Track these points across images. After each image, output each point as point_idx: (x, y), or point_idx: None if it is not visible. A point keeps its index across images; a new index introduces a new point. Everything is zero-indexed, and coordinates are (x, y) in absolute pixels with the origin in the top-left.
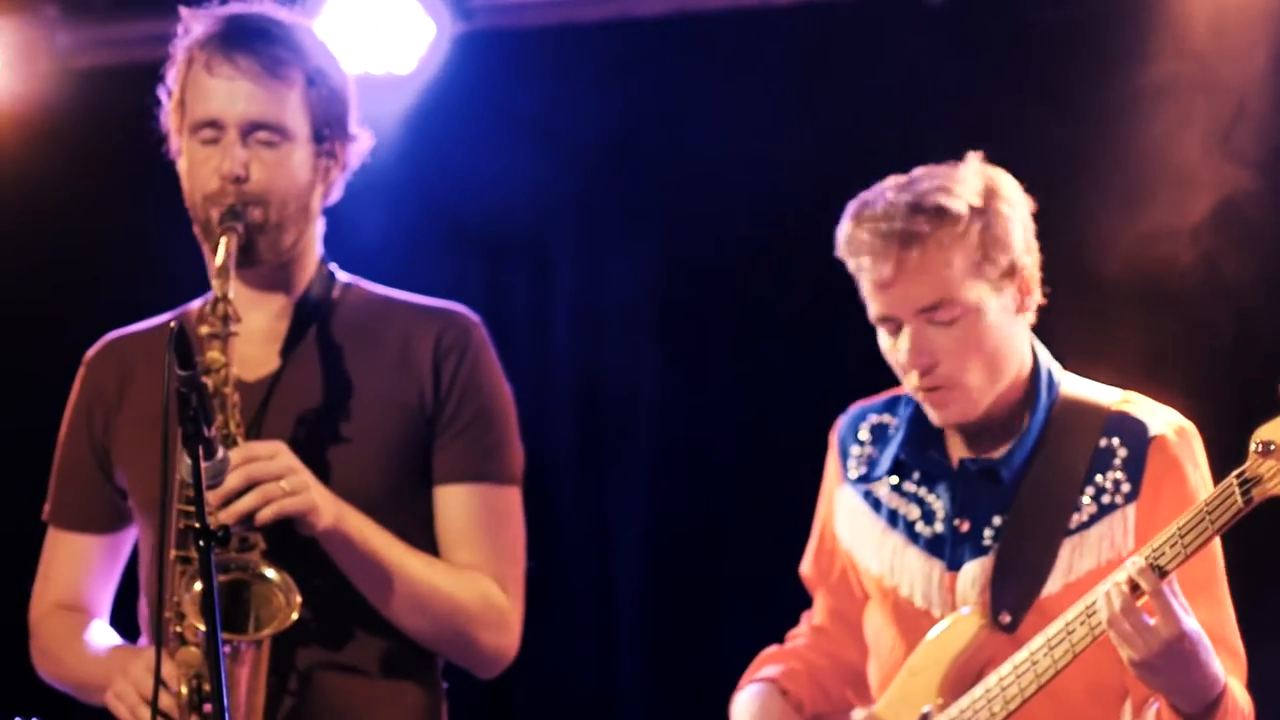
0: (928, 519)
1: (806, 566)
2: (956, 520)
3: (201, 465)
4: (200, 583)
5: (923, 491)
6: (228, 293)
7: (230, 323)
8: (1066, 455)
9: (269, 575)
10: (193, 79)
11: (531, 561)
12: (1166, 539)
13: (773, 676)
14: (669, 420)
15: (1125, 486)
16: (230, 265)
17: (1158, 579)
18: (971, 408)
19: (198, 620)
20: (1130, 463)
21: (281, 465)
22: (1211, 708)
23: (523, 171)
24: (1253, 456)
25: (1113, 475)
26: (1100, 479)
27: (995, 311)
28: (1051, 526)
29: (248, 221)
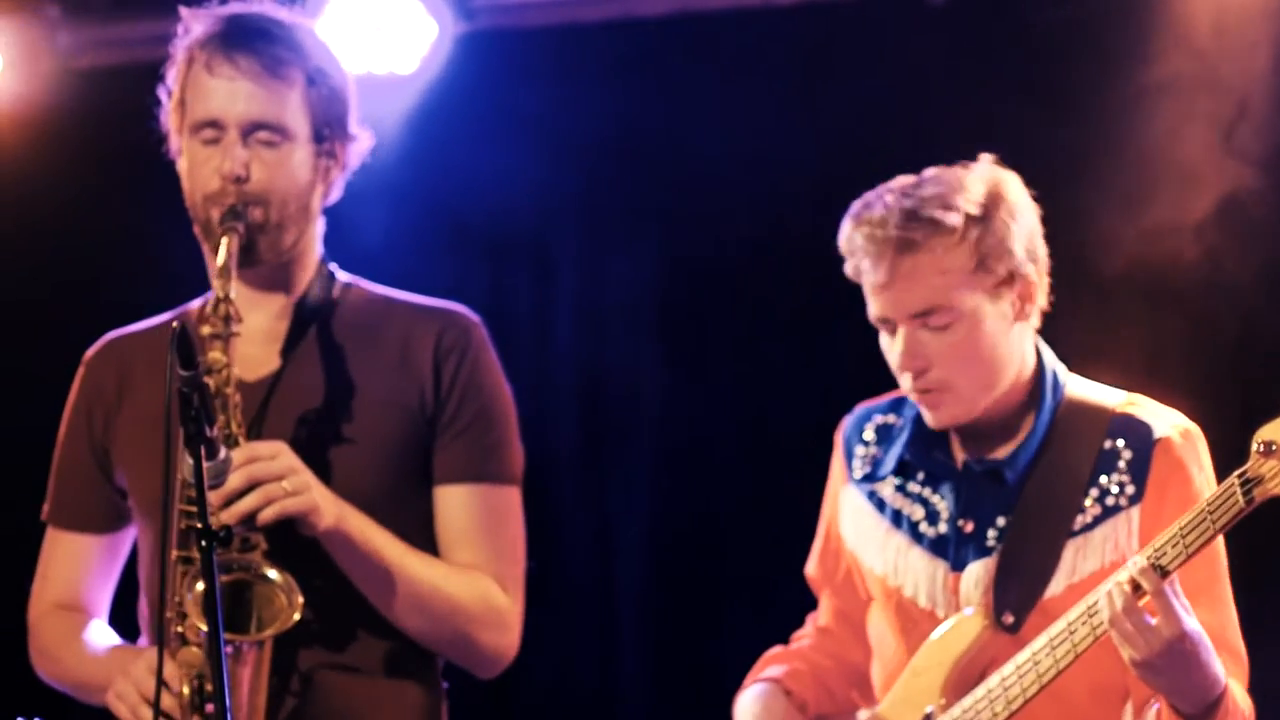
0: (932, 519)
1: (812, 567)
2: (960, 521)
3: (204, 465)
4: (202, 583)
5: (927, 492)
6: (229, 293)
7: (232, 323)
8: (1071, 457)
9: (271, 576)
10: (193, 79)
11: (532, 561)
12: (1168, 539)
13: (776, 677)
14: (670, 420)
15: (1129, 488)
16: (232, 265)
17: (1159, 579)
18: (964, 411)
19: (199, 620)
20: (1135, 465)
21: (283, 465)
22: (1212, 708)
23: (525, 171)
24: (1254, 456)
25: (1117, 477)
26: (1104, 480)
27: (991, 319)
28: (1055, 528)
29: (248, 221)
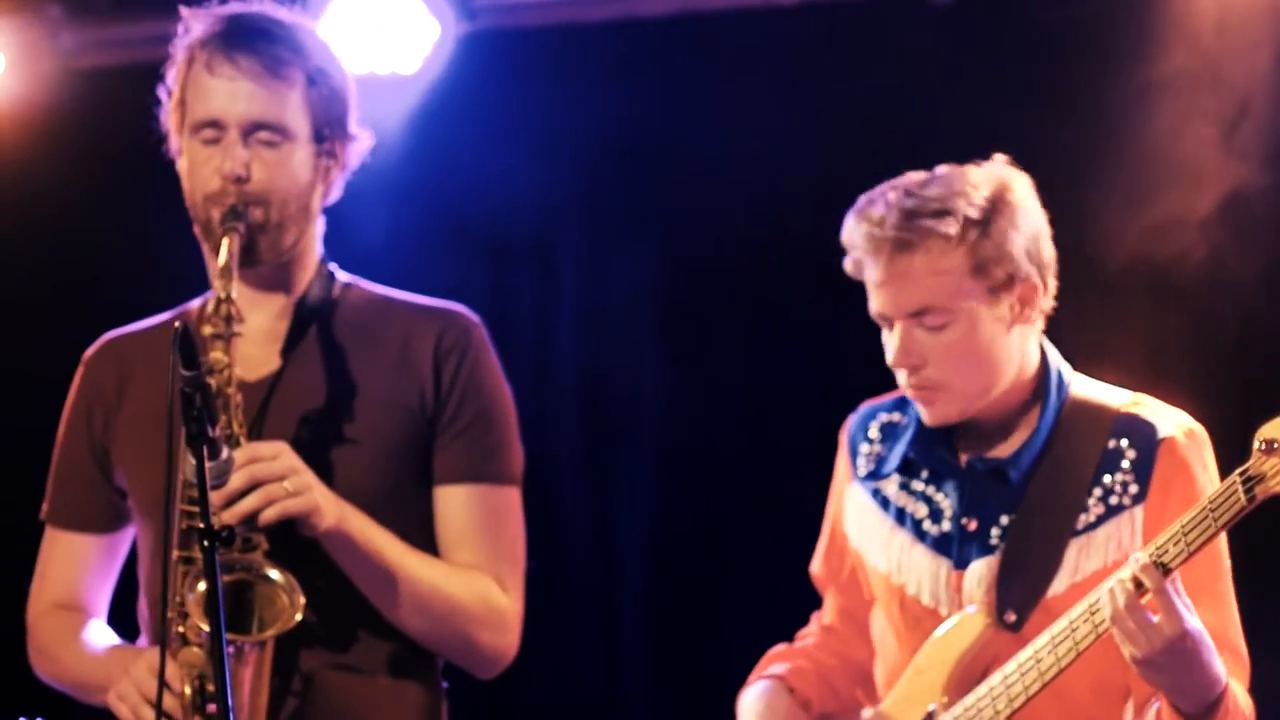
0: (935, 517)
1: (816, 565)
2: (964, 519)
3: (206, 465)
4: (204, 583)
5: (930, 490)
6: (231, 293)
7: (233, 323)
8: (1075, 456)
9: (273, 576)
10: (193, 79)
11: (532, 561)
12: (1170, 536)
13: (780, 674)
14: (672, 420)
15: (1133, 488)
16: (233, 266)
17: (1161, 576)
18: (957, 410)
19: (201, 620)
20: (1139, 464)
21: (284, 466)
22: (1212, 708)
23: (526, 171)
24: (1256, 454)
25: (1121, 476)
26: (1108, 480)
27: (988, 321)
28: (1058, 527)
29: (249, 221)
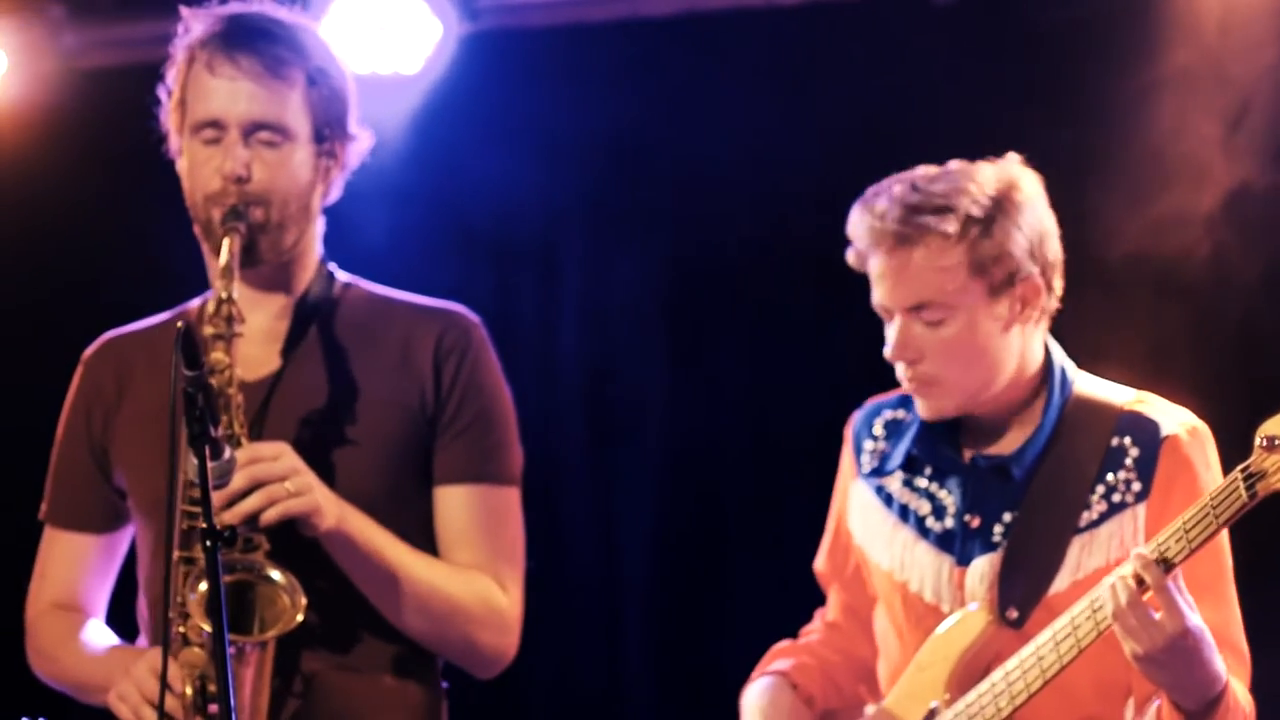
0: (938, 514)
1: (820, 562)
2: (967, 516)
3: (208, 465)
4: (206, 583)
5: (934, 487)
6: (232, 293)
7: (234, 323)
8: (1078, 453)
9: (274, 577)
10: (194, 79)
11: (532, 561)
12: (1171, 533)
13: (783, 670)
14: (675, 420)
15: (1136, 486)
16: (234, 266)
17: (1162, 573)
18: (952, 404)
19: (202, 621)
20: (1142, 462)
21: (285, 466)
22: (1212, 706)
23: (529, 172)
24: (1258, 451)
25: (1124, 474)
26: (1111, 478)
27: (987, 319)
28: (1061, 524)
29: (249, 221)
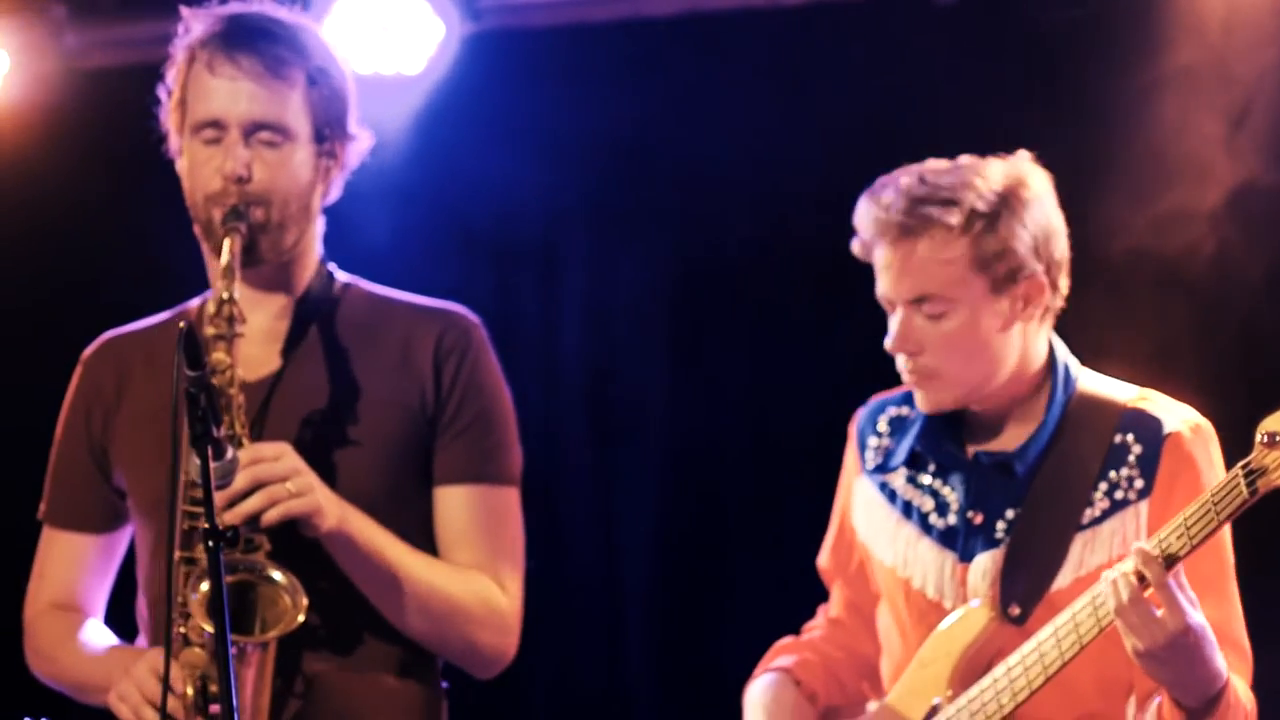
0: (941, 511)
1: (824, 559)
2: (970, 512)
3: (211, 466)
4: (207, 584)
5: (937, 483)
6: (234, 294)
7: (236, 324)
8: (1081, 450)
9: (276, 577)
10: (194, 78)
11: (533, 561)
12: (1173, 530)
13: (786, 667)
14: (676, 421)
15: (1138, 483)
16: (236, 266)
17: (1163, 570)
18: (950, 398)
19: (204, 621)
20: (1144, 459)
21: (287, 467)
22: (1213, 703)
23: (531, 172)
24: (1258, 448)
25: (1126, 471)
26: (1114, 475)
27: (988, 315)
28: (1064, 521)
29: (250, 221)
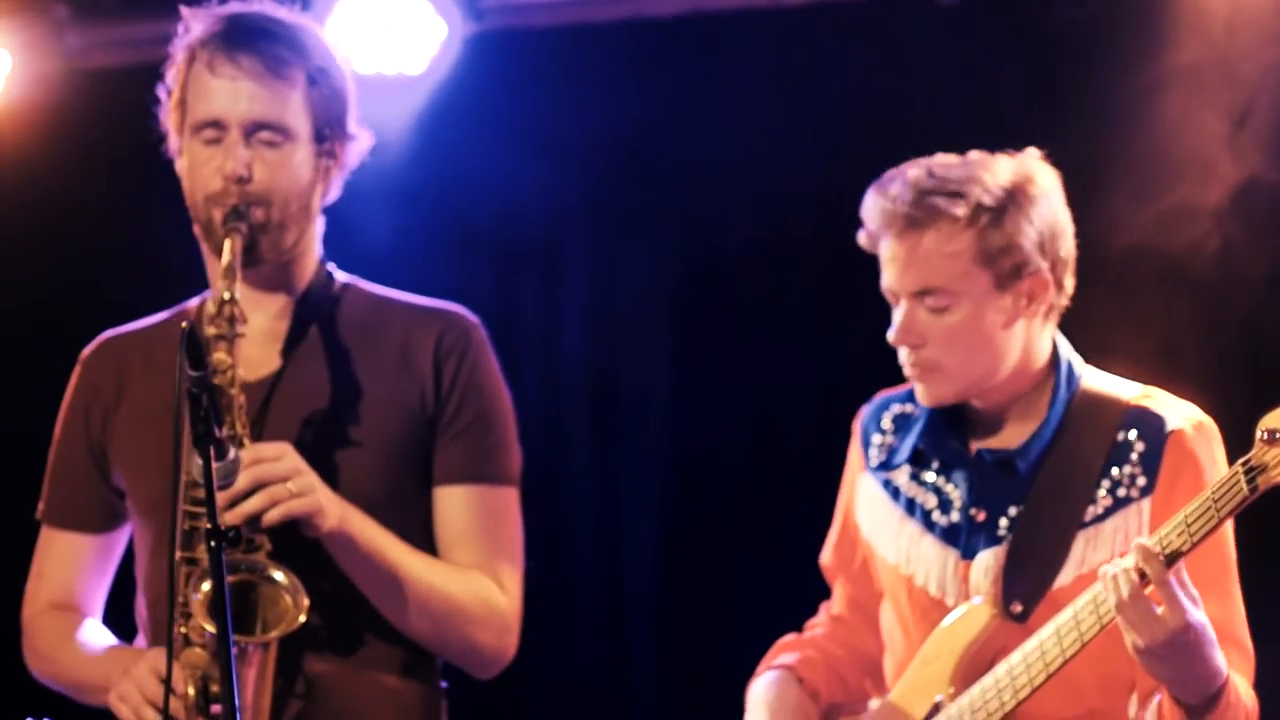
0: (944, 508)
1: (827, 556)
2: (973, 510)
3: (213, 466)
4: (210, 584)
5: (940, 481)
6: (235, 294)
7: (237, 324)
8: (1083, 448)
9: (277, 577)
10: (194, 78)
11: (533, 561)
12: (1173, 527)
13: (789, 664)
14: (678, 420)
15: (1141, 480)
16: (237, 266)
17: (1163, 568)
18: (951, 392)
19: (205, 621)
20: (1147, 457)
21: (288, 467)
22: (1212, 701)
23: (533, 172)
24: (1258, 444)
25: (1129, 469)
26: (1116, 472)
27: (991, 311)
28: (1066, 518)
29: (250, 221)
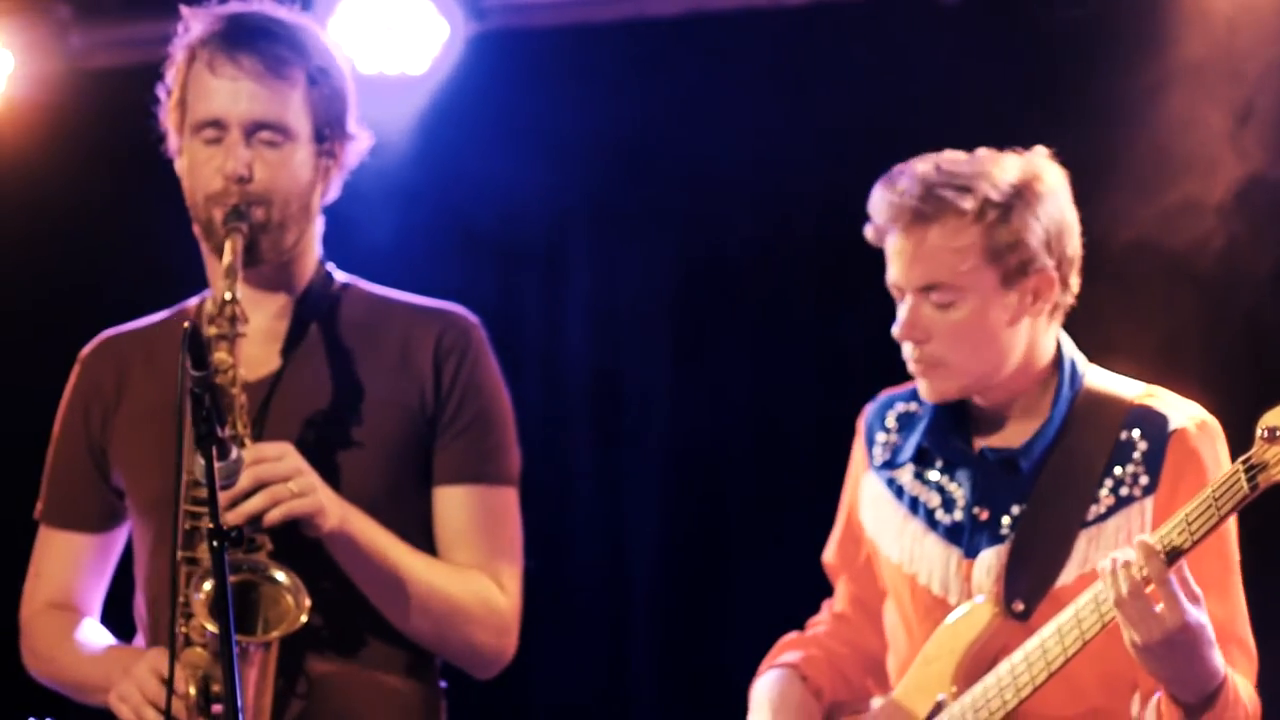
0: (948, 507)
1: (830, 554)
2: (976, 508)
3: (215, 466)
4: (211, 583)
5: (944, 480)
6: (236, 294)
7: (238, 324)
8: (1086, 447)
9: (278, 578)
10: (195, 78)
11: (533, 561)
12: (1174, 525)
13: (792, 662)
14: (680, 420)
15: (1144, 479)
16: (238, 266)
17: (1164, 566)
18: (955, 388)
19: (206, 621)
20: (1150, 456)
21: (289, 467)
22: (1209, 700)
23: (535, 172)
24: (1259, 442)
25: (1132, 468)
26: (1119, 471)
27: (997, 308)
28: (1069, 517)
29: (251, 221)
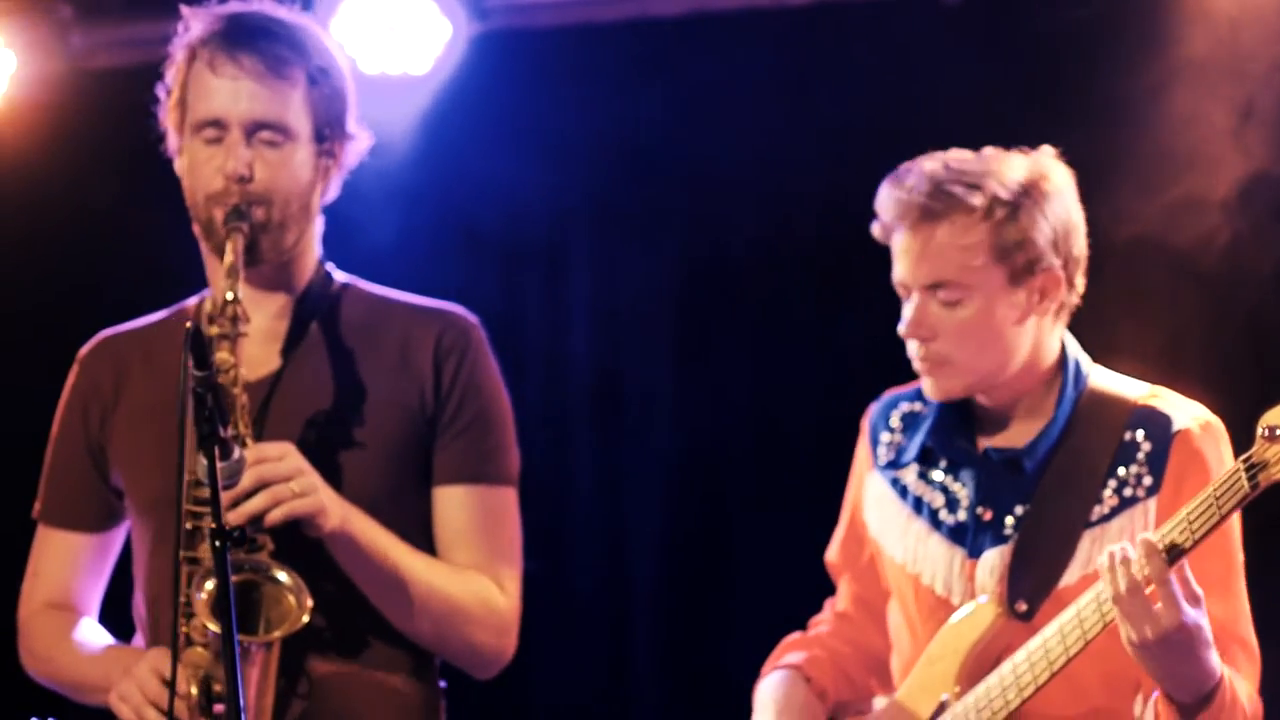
0: (951, 507)
1: (833, 553)
2: (980, 509)
3: (218, 466)
4: (214, 583)
5: (948, 480)
6: (238, 293)
7: (240, 323)
8: (1090, 447)
9: (280, 578)
10: (195, 78)
11: (533, 561)
12: (1175, 524)
13: (796, 663)
14: (683, 421)
15: (1147, 480)
16: (239, 266)
17: (1164, 566)
18: (960, 385)
19: (208, 620)
20: (1153, 456)
21: (290, 467)
22: (1205, 701)
23: (537, 172)
24: (1259, 441)
25: (1135, 468)
26: (1123, 472)
27: (1003, 306)
28: (1072, 518)
29: (251, 221)
